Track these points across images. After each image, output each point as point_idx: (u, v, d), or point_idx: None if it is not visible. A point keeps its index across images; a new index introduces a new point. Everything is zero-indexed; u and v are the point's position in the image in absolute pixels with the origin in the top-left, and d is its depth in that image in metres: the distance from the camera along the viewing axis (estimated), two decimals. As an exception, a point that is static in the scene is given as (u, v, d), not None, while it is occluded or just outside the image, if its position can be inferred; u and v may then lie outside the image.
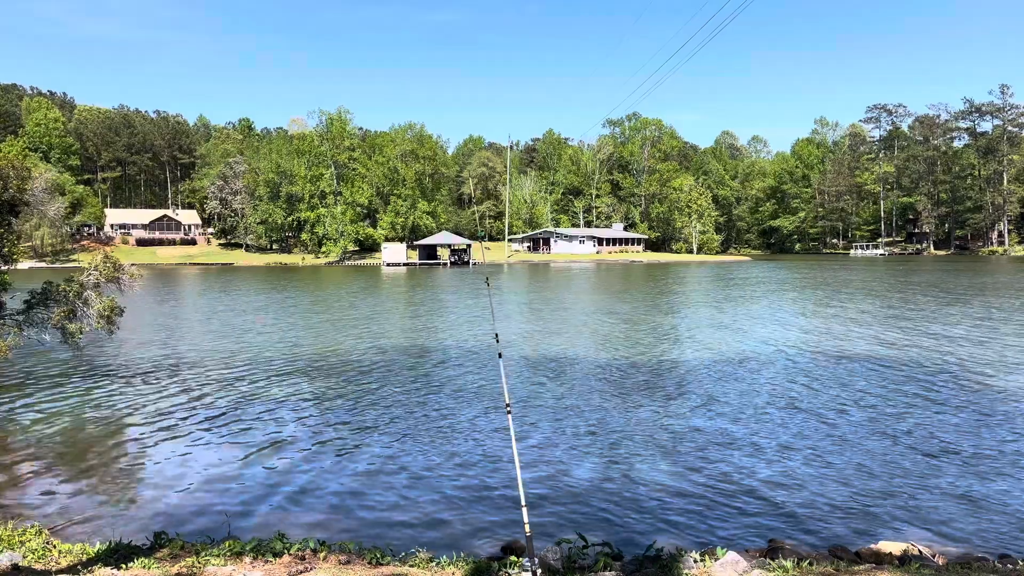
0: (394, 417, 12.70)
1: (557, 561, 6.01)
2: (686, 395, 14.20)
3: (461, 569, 5.95)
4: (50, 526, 7.75)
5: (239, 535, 7.10)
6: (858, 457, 10.07)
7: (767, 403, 13.44)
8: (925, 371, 16.27)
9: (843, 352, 19.20)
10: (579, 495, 8.74)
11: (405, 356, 19.56)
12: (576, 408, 13.19)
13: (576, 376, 16.28)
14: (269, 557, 6.19)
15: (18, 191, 14.54)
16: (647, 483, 9.14)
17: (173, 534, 6.97)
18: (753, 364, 17.61)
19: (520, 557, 6.24)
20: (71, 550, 6.56)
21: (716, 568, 5.78)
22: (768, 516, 8.05)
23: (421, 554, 6.46)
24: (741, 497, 8.62)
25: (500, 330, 23.89)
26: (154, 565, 5.93)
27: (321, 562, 6.09)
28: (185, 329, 26.43)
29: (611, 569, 5.91)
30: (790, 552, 6.61)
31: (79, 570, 5.75)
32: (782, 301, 35.65)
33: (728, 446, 10.69)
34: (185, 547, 6.56)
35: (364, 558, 6.25)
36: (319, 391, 14.98)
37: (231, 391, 15.05)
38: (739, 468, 9.66)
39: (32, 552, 6.41)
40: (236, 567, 5.90)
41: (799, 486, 8.96)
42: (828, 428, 11.64)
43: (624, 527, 7.79)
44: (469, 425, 12.07)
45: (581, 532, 6.85)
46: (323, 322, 28.43)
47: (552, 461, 10.06)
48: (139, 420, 12.67)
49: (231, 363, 18.53)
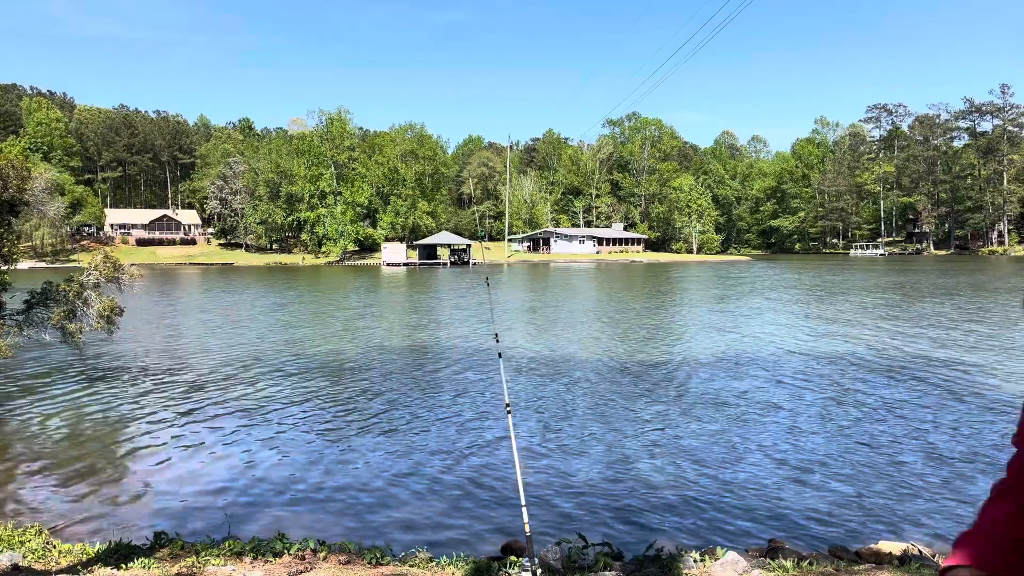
0: (394, 417, 12.70)
1: (557, 561, 6.01)
2: (686, 395, 14.21)
3: (461, 569, 5.95)
4: (50, 526, 7.75)
5: (239, 535, 7.09)
6: (858, 457, 10.07)
7: (767, 403, 13.44)
8: (925, 371, 16.27)
9: (843, 353, 19.20)
10: (579, 495, 8.74)
11: (405, 356, 19.57)
12: (576, 408, 13.19)
13: (576, 376, 16.28)
14: (269, 557, 6.19)
15: (18, 191, 14.53)
16: (647, 483, 9.14)
17: (173, 534, 6.97)
18: (753, 364, 17.61)
19: (520, 557, 6.24)
20: (71, 550, 6.56)
21: (716, 568, 5.78)
22: (768, 516, 8.05)
23: (421, 554, 6.46)
24: (741, 497, 8.62)
25: (500, 330, 23.88)
26: (154, 565, 5.93)
27: (321, 562, 6.09)
28: (185, 329, 26.43)
29: (611, 569, 5.91)
30: (790, 552, 6.61)
31: (79, 570, 5.74)
32: (782, 301, 35.65)
33: (728, 446, 10.68)
34: (185, 547, 6.56)
35: (364, 558, 6.25)
36: (319, 391, 14.98)
37: (231, 391, 15.06)
38: (739, 468, 9.66)
39: (32, 552, 6.42)
40: (236, 567, 5.90)
41: (799, 486, 8.96)
42: (828, 428, 11.64)
43: (624, 527, 7.79)
44: (469, 425, 12.08)
45: (581, 532, 6.84)
46: (323, 322, 28.43)
47: (552, 461, 10.06)
48: (139, 420, 12.68)
49: (231, 363, 18.53)
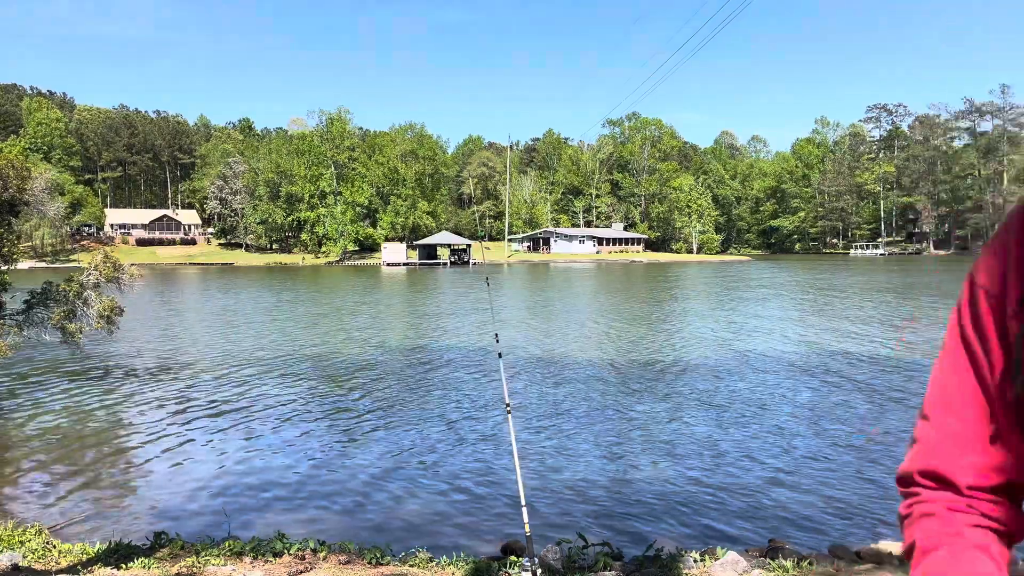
0: (394, 417, 12.70)
1: (557, 561, 6.01)
2: (686, 395, 14.20)
3: (461, 569, 5.95)
4: (50, 526, 7.74)
5: (239, 535, 7.09)
6: (858, 457, 10.07)
7: (767, 403, 13.44)
8: (925, 372, 16.27)
9: (842, 353, 19.20)
10: (579, 495, 8.74)
11: (405, 356, 19.57)
12: (576, 408, 13.19)
13: (576, 376, 16.28)
14: (269, 557, 6.19)
15: (18, 191, 14.53)
16: (647, 483, 9.14)
17: (173, 534, 6.97)
18: (753, 364, 17.61)
19: (520, 557, 6.23)
20: (71, 550, 6.56)
21: (716, 568, 5.78)
22: (768, 516, 8.05)
23: (421, 554, 6.46)
24: (741, 497, 8.61)
25: (500, 330, 23.87)
26: (154, 565, 5.93)
27: (321, 562, 6.09)
28: (185, 329, 26.42)
29: (611, 569, 5.91)
30: (790, 552, 6.61)
31: (79, 570, 5.74)
32: (782, 302, 35.64)
33: (728, 446, 10.68)
34: (185, 547, 6.56)
35: (364, 558, 6.25)
36: (319, 391, 14.98)
37: (231, 391, 15.06)
38: (739, 468, 9.66)
39: (32, 552, 6.42)
40: (236, 567, 5.90)
41: (799, 486, 8.96)
42: (828, 428, 11.64)
43: (624, 527, 7.79)
44: (469, 425, 12.08)
45: (581, 532, 6.84)
46: (323, 322, 28.43)
47: (552, 461, 10.06)
48: (139, 420, 12.68)
49: (231, 363, 18.53)
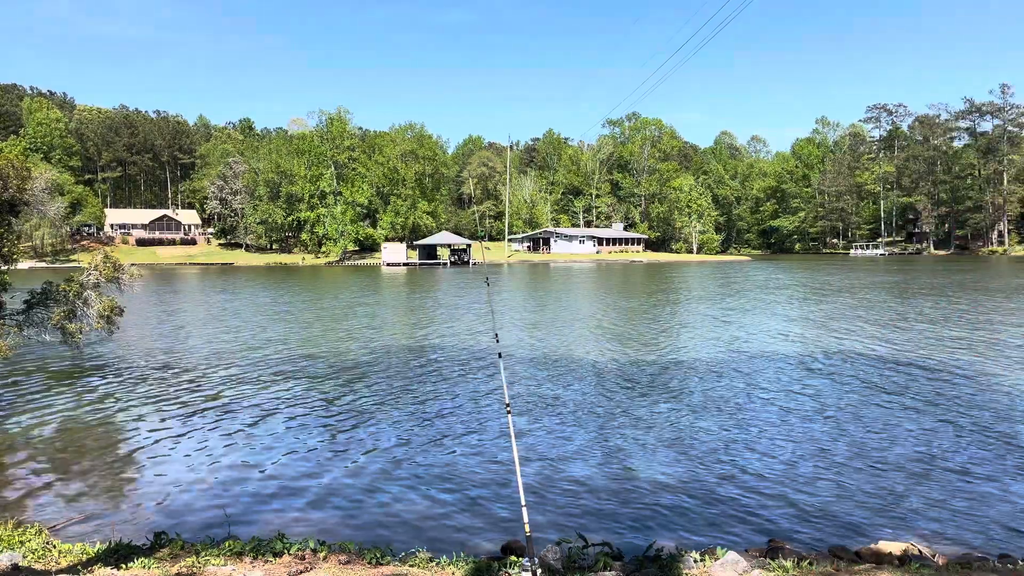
0: (394, 417, 12.70)
1: (557, 561, 6.01)
2: (686, 395, 14.20)
3: (461, 569, 5.95)
4: (50, 526, 7.74)
5: (239, 535, 7.09)
6: (858, 457, 10.07)
7: (767, 403, 13.44)
8: (926, 373, 16.27)
9: (842, 353, 19.20)
10: (579, 495, 8.74)
11: (405, 356, 19.56)
12: (576, 408, 13.19)
13: (576, 376, 16.28)
14: (269, 557, 6.19)
15: (18, 191, 14.53)
16: (647, 483, 9.14)
17: (173, 534, 6.97)
18: (753, 364, 17.61)
19: (520, 557, 6.24)
20: (71, 550, 6.56)
21: (716, 568, 5.78)
22: (768, 516, 8.05)
23: (421, 554, 6.46)
24: (741, 497, 8.62)
25: (500, 330, 23.90)
26: (154, 565, 5.93)
27: (321, 562, 6.09)
28: (185, 329, 26.42)
29: (611, 569, 5.91)
30: (790, 552, 6.61)
31: (79, 570, 5.74)
32: (782, 302, 35.64)
33: (728, 446, 10.68)
34: (185, 547, 6.56)
35: (364, 558, 6.25)
36: (319, 391, 14.98)
37: (231, 391, 15.06)
38: (739, 468, 9.66)
39: (32, 552, 6.41)
40: (236, 567, 5.90)
41: (799, 486, 8.96)
42: (828, 428, 11.63)
43: (624, 527, 7.79)
44: (469, 425, 12.07)
45: (581, 532, 6.85)
46: (323, 322, 28.43)
47: (552, 461, 10.06)
48: (139, 420, 12.67)
49: (231, 363, 18.53)
